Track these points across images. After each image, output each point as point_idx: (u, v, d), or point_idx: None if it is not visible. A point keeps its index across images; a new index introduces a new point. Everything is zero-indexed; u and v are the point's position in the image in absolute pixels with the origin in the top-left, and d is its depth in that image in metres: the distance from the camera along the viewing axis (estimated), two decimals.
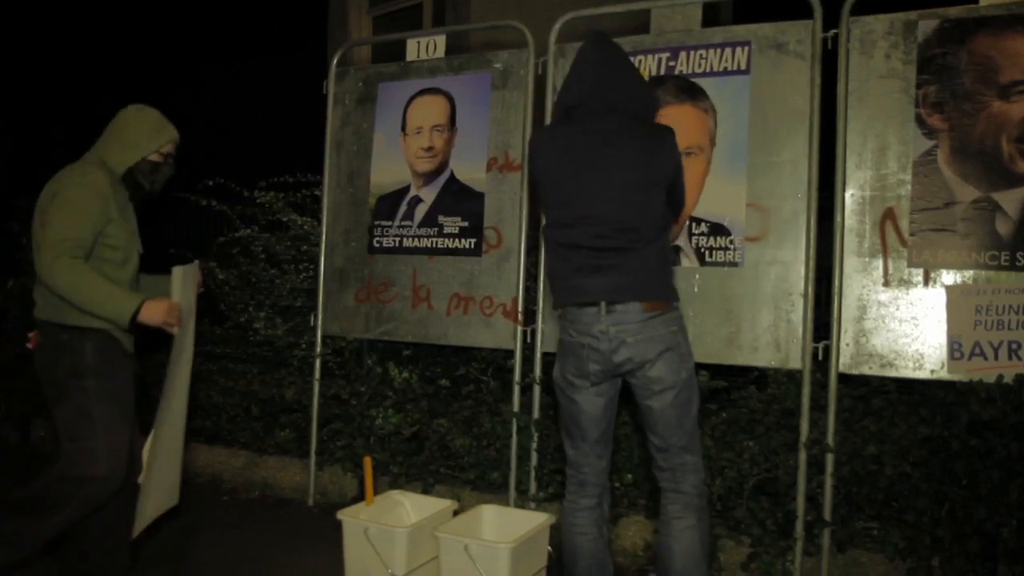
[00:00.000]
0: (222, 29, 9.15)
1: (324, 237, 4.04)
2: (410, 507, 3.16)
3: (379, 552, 2.81)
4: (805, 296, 3.05)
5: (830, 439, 3.01)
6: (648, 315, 2.38)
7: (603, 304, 2.38)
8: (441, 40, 3.84)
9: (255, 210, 4.64)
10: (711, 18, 3.45)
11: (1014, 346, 2.82)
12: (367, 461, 3.08)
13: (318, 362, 4.03)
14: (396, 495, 3.22)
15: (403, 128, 3.87)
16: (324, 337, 4.04)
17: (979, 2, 2.91)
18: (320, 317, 4.02)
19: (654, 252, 2.42)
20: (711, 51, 3.22)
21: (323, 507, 3.91)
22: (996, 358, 2.83)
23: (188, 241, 4.84)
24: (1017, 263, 2.81)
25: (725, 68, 3.19)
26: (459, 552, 2.69)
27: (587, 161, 2.42)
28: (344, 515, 2.92)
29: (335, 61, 4.09)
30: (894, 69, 2.99)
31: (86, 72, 9.33)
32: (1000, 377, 2.81)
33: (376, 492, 3.19)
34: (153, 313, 2.61)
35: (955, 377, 2.88)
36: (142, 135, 2.76)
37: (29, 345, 2.73)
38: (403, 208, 3.84)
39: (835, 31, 3.04)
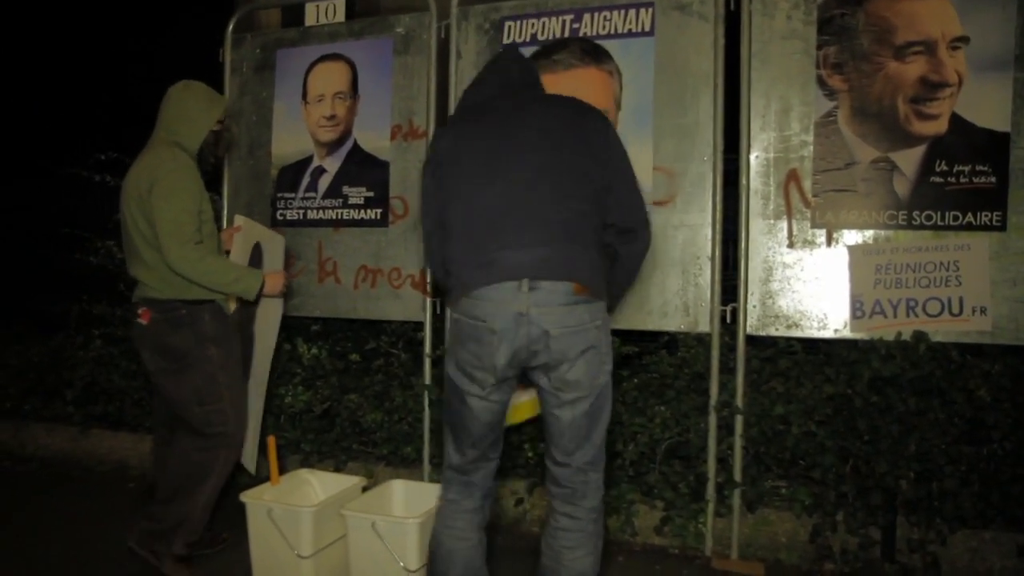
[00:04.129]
0: None
1: (225, 211, 3.88)
2: (318, 486, 3.07)
3: (284, 534, 2.72)
4: (712, 259, 3.04)
5: (739, 401, 3.02)
6: (576, 299, 2.00)
7: (525, 281, 1.97)
8: (341, 4, 3.69)
9: None
10: None
11: (912, 303, 2.87)
12: (271, 440, 2.98)
13: None
14: (304, 474, 3.12)
15: (304, 96, 3.72)
16: None
17: None
18: None
19: (589, 232, 2.06)
20: (615, 12, 3.16)
21: (233, 488, 3.78)
22: (895, 316, 2.88)
23: (82, 218, 4.58)
24: (913, 222, 2.86)
25: (629, 30, 3.14)
26: (366, 530, 2.61)
27: (504, 141, 2.10)
28: (247, 497, 2.82)
29: (231, 27, 3.90)
30: (795, 30, 2.98)
31: None
32: (899, 334, 2.86)
33: (286, 471, 3.09)
34: (273, 285, 2.98)
35: (857, 336, 2.93)
36: (201, 109, 2.89)
37: (143, 320, 2.84)
38: (306, 179, 3.70)
39: None
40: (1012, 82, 2.75)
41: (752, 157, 3.02)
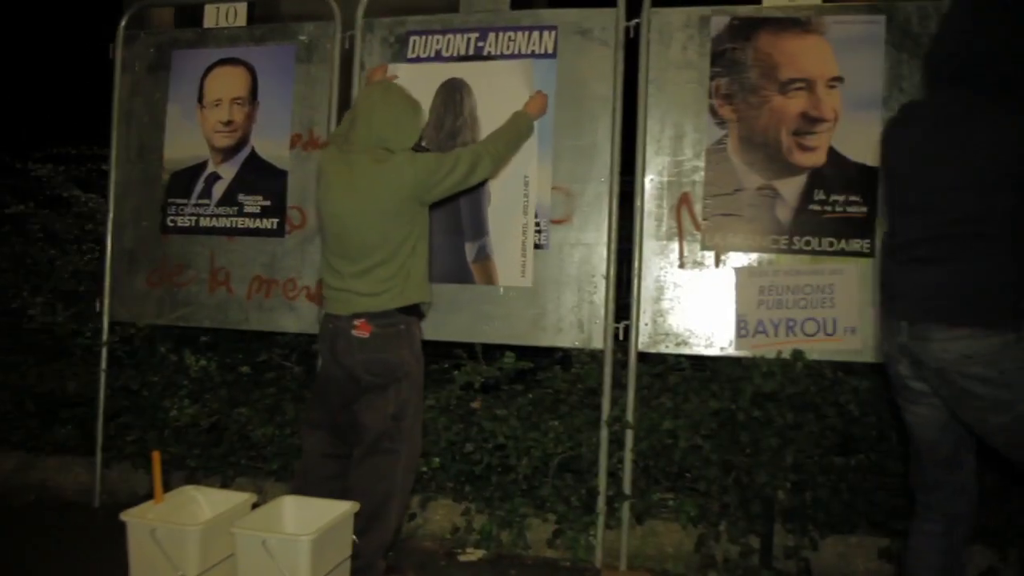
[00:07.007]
0: None
1: (111, 215, 3.71)
2: (205, 503, 2.96)
3: (168, 554, 2.60)
4: (607, 278, 3.14)
5: (630, 416, 3.12)
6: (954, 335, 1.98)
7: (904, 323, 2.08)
8: (242, 8, 3.61)
9: (31, 184, 4.19)
10: (523, 1, 3.48)
11: (791, 323, 3.04)
12: (155, 456, 2.85)
13: (104, 351, 3.70)
14: (190, 490, 3.00)
15: (200, 100, 3.61)
16: (111, 324, 3.72)
17: (762, 3, 3.10)
18: (107, 302, 3.69)
19: (997, 259, 1.94)
20: (519, 33, 3.23)
21: (111, 508, 3.58)
22: (776, 335, 3.05)
23: None
24: (794, 247, 3.04)
25: (533, 51, 3.22)
26: (256, 548, 2.53)
27: (924, 151, 2.03)
28: (129, 516, 2.68)
29: (123, 23, 3.74)
30: (690, 60, 3.13)
31: None
32: (779, 352, 3.03)
33: (170, 488, 2.97)
34: None
35: (741, 353, 3.08)
36: (409, 115, 2.81)
37: (362, 333, 2.75)
38: (200, 185, 3.59)
39: (637, 20, 3.14)
40: (880, 120, 2.97)
41: (647, 180, 3.14)
